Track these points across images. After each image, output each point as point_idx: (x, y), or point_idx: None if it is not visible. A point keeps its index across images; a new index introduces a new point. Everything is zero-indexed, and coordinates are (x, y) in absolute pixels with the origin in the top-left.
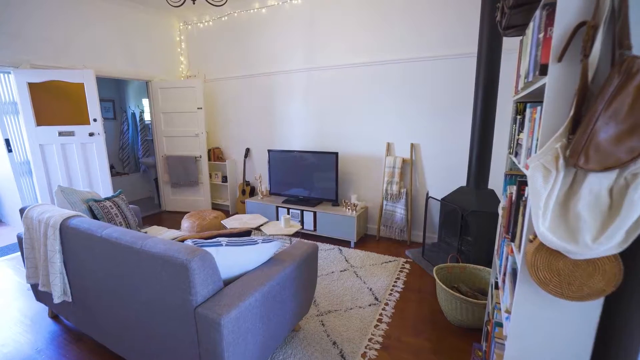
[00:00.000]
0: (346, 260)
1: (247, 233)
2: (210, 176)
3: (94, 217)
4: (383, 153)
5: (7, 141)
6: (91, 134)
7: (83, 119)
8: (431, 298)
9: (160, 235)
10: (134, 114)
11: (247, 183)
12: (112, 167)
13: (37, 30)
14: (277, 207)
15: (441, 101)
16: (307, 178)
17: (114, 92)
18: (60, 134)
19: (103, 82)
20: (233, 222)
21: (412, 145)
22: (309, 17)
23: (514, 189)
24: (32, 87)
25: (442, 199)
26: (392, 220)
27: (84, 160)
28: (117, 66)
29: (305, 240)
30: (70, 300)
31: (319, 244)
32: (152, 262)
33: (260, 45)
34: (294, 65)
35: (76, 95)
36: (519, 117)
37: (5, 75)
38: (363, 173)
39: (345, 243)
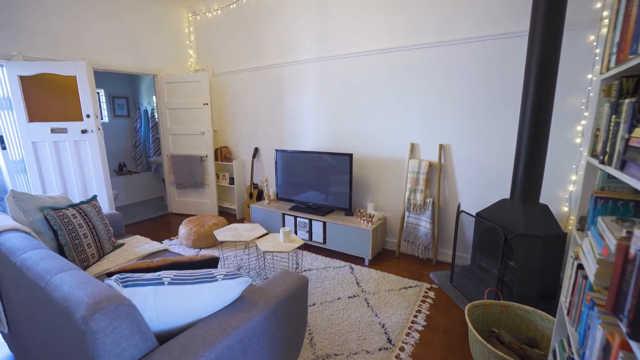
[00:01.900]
0: (357, 282)
1: (210, 262)
2: (218, 177)
3: (51, 228)
4: (406, 155)
5: (0, 138)
6: (84, 131)
7: (79, 115)
8: (461, 343)
9: (136, 249)
10: (146, 111)
11: (255, 186)
12: (124, 166)
13: (32, 20)
14: (284, 214)
15: (479, 93)
16: (317, 182)
17: (128, 88)
18: (53, 130)
19: (117, 78)
20: (226, 234)
21: (440, 146)
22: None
23: (628, 231)
24: (24, 80)
25: (477, 214)
26: (415, 235)
27: (77, 159)
28: (120, 59)
29: (292, 272)
30: (6, 331)
31: (327, 259)
32: (54, 309)
33: (270, 34)
34: (307, 55)
35: (72, 89)
36: (628, 100)
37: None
38: (382, 178)
39: (358, 260)
